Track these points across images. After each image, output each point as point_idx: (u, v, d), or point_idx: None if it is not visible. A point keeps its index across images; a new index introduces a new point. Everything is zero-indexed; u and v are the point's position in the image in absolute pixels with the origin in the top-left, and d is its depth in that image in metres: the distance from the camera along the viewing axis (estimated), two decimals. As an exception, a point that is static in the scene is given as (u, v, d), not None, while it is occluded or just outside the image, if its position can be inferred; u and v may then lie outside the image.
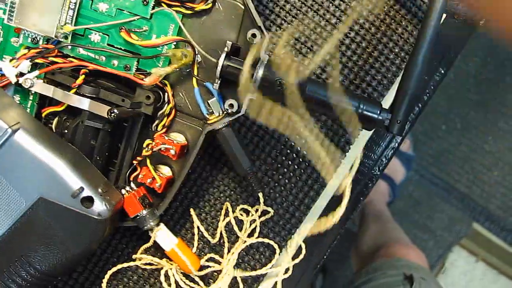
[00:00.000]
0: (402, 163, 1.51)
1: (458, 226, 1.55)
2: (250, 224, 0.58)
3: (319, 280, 1.49)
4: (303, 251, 0.60)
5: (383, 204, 1.45)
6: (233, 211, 0.59)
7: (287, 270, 0.60)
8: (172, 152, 0.51)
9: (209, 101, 0.51)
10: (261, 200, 0.57)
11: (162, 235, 0.54)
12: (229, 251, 0.59)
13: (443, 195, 1.56)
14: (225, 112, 0.51)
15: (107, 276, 0.57)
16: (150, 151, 0.51)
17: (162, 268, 0.57)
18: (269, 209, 0.59)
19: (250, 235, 0.59)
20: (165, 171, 0.54)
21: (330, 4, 0.58)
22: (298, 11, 0.58)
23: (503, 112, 1.55)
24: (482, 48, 1.55)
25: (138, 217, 0.52)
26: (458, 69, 1.53)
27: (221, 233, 0.59)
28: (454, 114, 1.56)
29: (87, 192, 0.47)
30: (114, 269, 0.56)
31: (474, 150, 1.56)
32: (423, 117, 1.53)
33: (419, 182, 1.56)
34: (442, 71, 0.62)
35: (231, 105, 0.50)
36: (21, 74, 0.52)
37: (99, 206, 0.48)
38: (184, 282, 0.57)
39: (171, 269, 0.56)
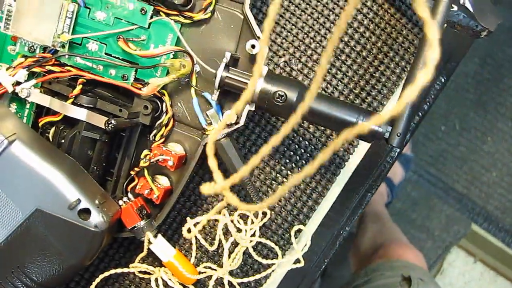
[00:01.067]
0: (401, 163, 1.51)
1: (456, 226, 1.55)
2: (248, 230, 0.58)
3: (317, 281, 1.49)
4: (308, 243, 0.59)
5: (382, 204, 1.45)
6: (231, 217, 0.58)
7: (297, 260, 0.59)
8: (170, 163, 0.50)
9: (207, 112, 0.50)
10: (260, 211, 0.57)
11: (160, 247, 0.53)
12: (229, 257, 0.58)
13: (442, 196, 1.56)
14: (224, 123, 0.50)
15: (97, 280, 0.56)
16: (148, 162, 0.51)
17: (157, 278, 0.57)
18: (267, 210, 0.58)
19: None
20: (163, 181, 0.53)
21: (330, 13, 0.58)
22: (298, 19, 0.58)
23: (502, 113, 1.55)
24: (481, 49, 1.55)
25: (135, 228, 0.52)
26: (457, 70, 1.52)
27: (219, 241, 0.59)
28: (453, 115, 1.55)
29: (84, 204, 0.47)
30: (106, 273, 0.56)
31: (473, 151, 1.55)
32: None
33: (417, 183, 1.56)
34: (443, 80, 0.61)
35: (230, 117, 0.50)
36: (18, 83, 0.51)
37: (96, 218, 0.47)
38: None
39: (161, 277, 0.56)
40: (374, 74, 0.59)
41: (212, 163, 0.30)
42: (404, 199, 1.56)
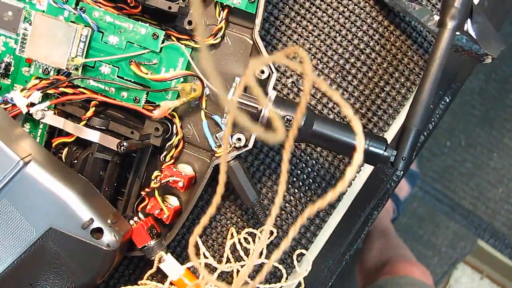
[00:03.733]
0: (407, 179, 1.51)
1: (462, 242, 1.55)
2: (256, 249, 0.59)
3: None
4: (309, 267, 0.60)
5: (388, 220, 1.45)
6: (238, 236, 0.59)
7: (299, 284, 0.60)
8: (180, 184, 0.51)
9: (217, 135, 0.52)
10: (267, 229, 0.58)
11: (169, 265, 0.54)
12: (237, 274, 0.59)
13: (448, 212, 1.56)
14: (233, 146, 0.51)
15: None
16: (159, 183, 0.52)
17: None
18: (273, 229, 0.59)
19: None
20: (173, 201, 0.55)
21: (337, 34, 0.59)
22: (305, 41, 0.59)
23: (508, 128, 1.55)
24: (486, 65, 1.55)
25: (145, 248, 0.53)
26: (462, 86, 1.53)
27: (227, 258, 0.59)
28: (458, 130, 1.56)
29: (97, 224, 0.48)
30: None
31: (479, 167, 1.56)
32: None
33: (423, 199, 1.57)
34: (447, 100, 0.63)
35: (239, 139, 0.51)
36: (32, 104, 0.53)
37: (109, 237, 0.48)
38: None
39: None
40: (379, 95, 0.60)
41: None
42: (410, 215, 1.57)
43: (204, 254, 0.59)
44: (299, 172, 0.60)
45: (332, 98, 0.47)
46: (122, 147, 0.49)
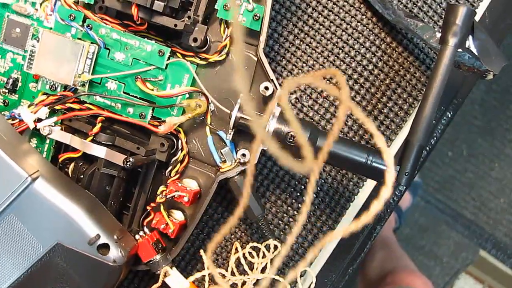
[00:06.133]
0: (408, 190, 1.52)
1: (464, 253, 1.55)
2: (260, 264, 0.59)
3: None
4: (313, 283, 0.60)
5: (389, 230, 1.45)
6: (243, 250, 0.60)
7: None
8: (186, 199, 0.52)
9: (222, 150, 0.52)
10: (272, 244, 0.58)
11: (174, 279, 0.55)
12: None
13: (450, 222, 1.56)
14: (237, 161, 0.52)
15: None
16: (164, 198, 0.52)
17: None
18: (278, 244, 0.60)
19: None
20: (178, 216, 0.55)
21: (340, 51, 0.60)
22: (309, 57, 0.60)
23: (509, 139, 1.56)
24: (488, 76, 1.56)
25: (151, 262, 0.53)
26: (464, 96, 1.53)
27: (232, 272, 0.60)
28: (460, 140, 1.56)
29: (103, 240, 0.48)
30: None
31: (481, 177, 1.56)
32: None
33: (425, 209, 1.57)
34: (449, 115, 0.63)
35: (244, 155, 0.51)
36: (39, 120, 0.53)
37: (115, 253, 0.49)
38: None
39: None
40: (382, 110, 0.61)
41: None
42: (412, 225, 1.57)
43: (208, 268, 0.59)
44: (302, 187, 0.61)
45: (365, 126, 0.47)
46: (128, 163, 0.49)
